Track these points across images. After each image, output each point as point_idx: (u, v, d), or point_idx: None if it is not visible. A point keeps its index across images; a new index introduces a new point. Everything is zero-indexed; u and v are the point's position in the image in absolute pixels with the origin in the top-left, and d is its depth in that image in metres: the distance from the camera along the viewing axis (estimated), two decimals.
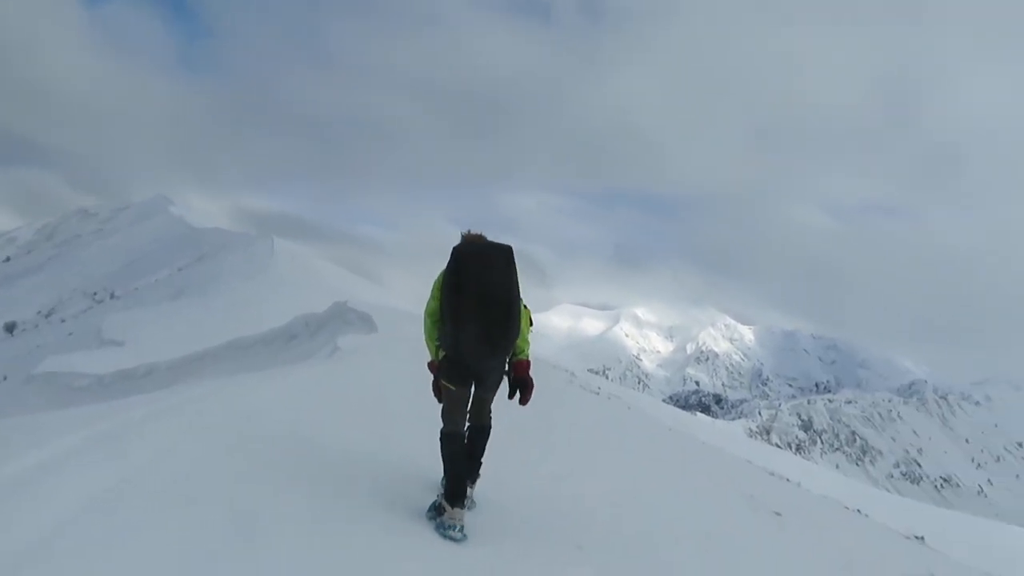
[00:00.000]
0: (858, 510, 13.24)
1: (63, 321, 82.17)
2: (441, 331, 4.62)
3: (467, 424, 4.85)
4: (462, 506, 4.42)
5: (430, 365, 4.78)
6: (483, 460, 5.02)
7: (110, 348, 46.47)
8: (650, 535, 5.82)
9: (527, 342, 4.95)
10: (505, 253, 4.58)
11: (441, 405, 4.74)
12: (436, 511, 4.54)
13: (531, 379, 4.82)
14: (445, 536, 4.31)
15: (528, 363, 4.89)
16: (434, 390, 4.78)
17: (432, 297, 4.71)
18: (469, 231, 4.84)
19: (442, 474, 4.70)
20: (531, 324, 16.37)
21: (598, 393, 17.63)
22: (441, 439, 4.65)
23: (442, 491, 4.58)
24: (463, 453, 4.64)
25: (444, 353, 4.60)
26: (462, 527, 4.36)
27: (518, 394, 4.84)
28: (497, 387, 4.86)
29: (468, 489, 4.77)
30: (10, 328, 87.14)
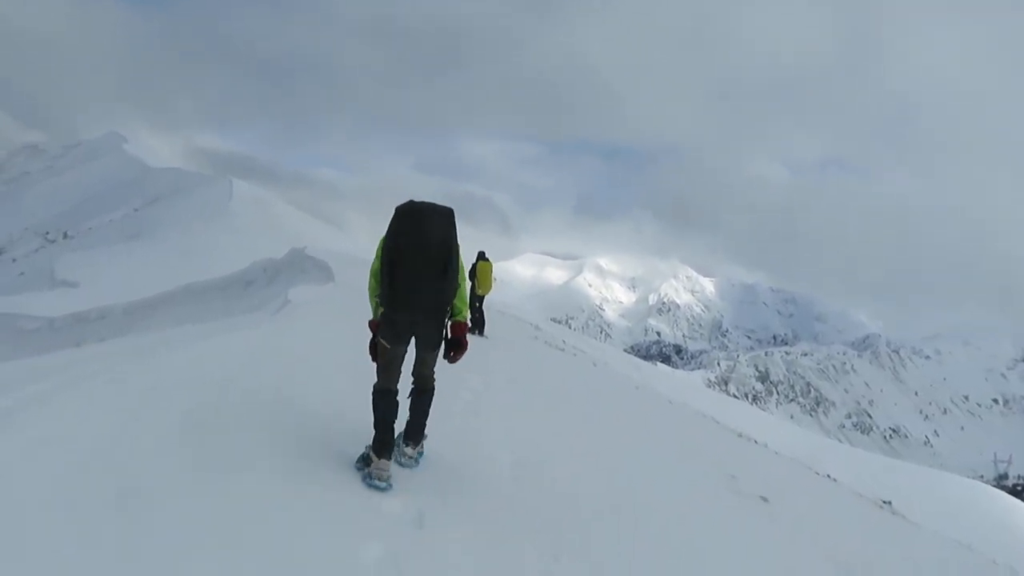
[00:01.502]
0: (828, 475, 13.23)
1: (14, 261, 79.84)
2: (383, 286, 4.69)
3: (411, 386, 5.02)
4: (388, 457, 4.61)
5: (370, 324, 4.84)
6: (428, 422, 5.10)
7: (63, 289, 45.33)
8: (615, 521, 5.34)
9: (464, 302, 4.94)
10: (444, 213, 4.69)
11: (376, 363, 4.80)
12: (364, 462, 4.71)
13: (466, 341, 4.92)
14: (370, 486, 4.49)
15: (465, 325, 4.97)
16: (370, 349, 4.83)
17: (376, 257, 4.78)
18: (411, 200, 4.89)
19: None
20: (494, 278, 15.95)
21: (563, 350, 17.57)
22: (373, 394, 4.75)
23: (370, 443, 4.72)
24: (393, 408, 4.73)
25: (382, 310, 4.69)
26: (388, 477, 4.55)
27: (452, 352, 4.92)
28: (436, 347, 4.88)
29: (412, 447, 5.01)
30: None
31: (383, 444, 4.62)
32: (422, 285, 4.56)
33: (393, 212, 4.69)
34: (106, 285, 41.94)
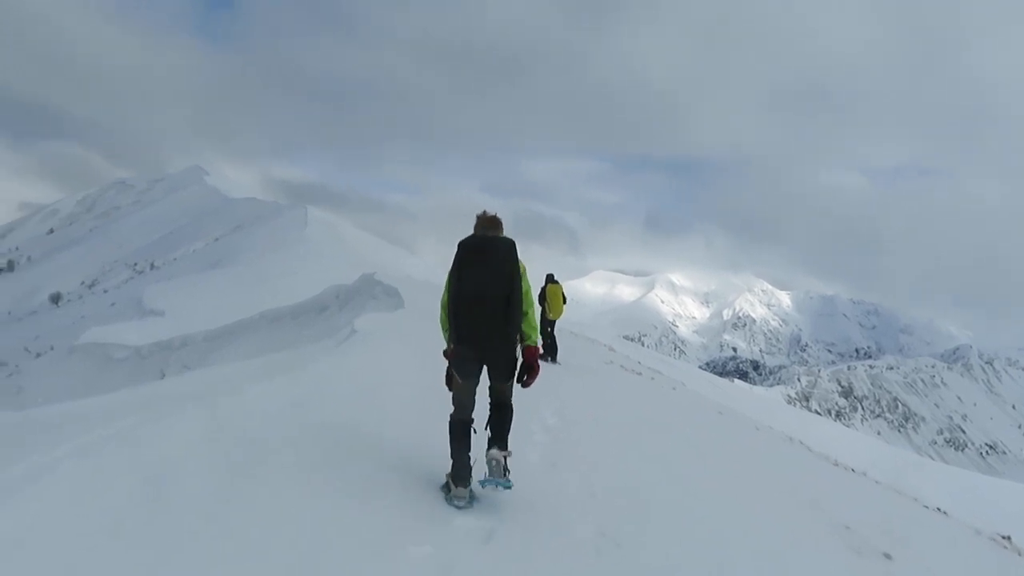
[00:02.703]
0: (938, 508, 12.09)
1: (105, 292, 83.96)
2: (451, 320, 4.81)
3: (489, 404, 5.02)
4: (466, 485, 4.78)
5: (445, 353, 4.91)
6: (509, 437, 5.02)
7: (150, 318, 47.32)
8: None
9: (534, 328, 4.97)
10: (505, 247, 4.80)
11: (452, 392, 4.92)
12: (446, 489, 4.91)
13: (537, 365, 4.95)
14: (452, 506, 4.76)
15: (536, 349, 4.99)
16: (447, 378, 4.92)
17: (444, 290, 4.89)
18: (484, 212, 5.03)
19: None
20: (564, 301, 15.50)
21: (640, 373, 17.07)
22: (449, 424, 4.88)
23: (449, 472, 4.89)
24: (467, 437, 4.85)
25: (453, 345, 4.81)
26: (467, 504, 4.75)
27: (524, 377, 4.95)
28: (508, 377, 4.89)
29: (498, 450, 4.91)
30: (55, 299, 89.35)
31: (459, 474, 4.79)
32: (487, 320, 4.67)
33: (457, 246, 4.82)
34: (190, 313, 43.55)
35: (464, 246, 4.81)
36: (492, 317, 4.67)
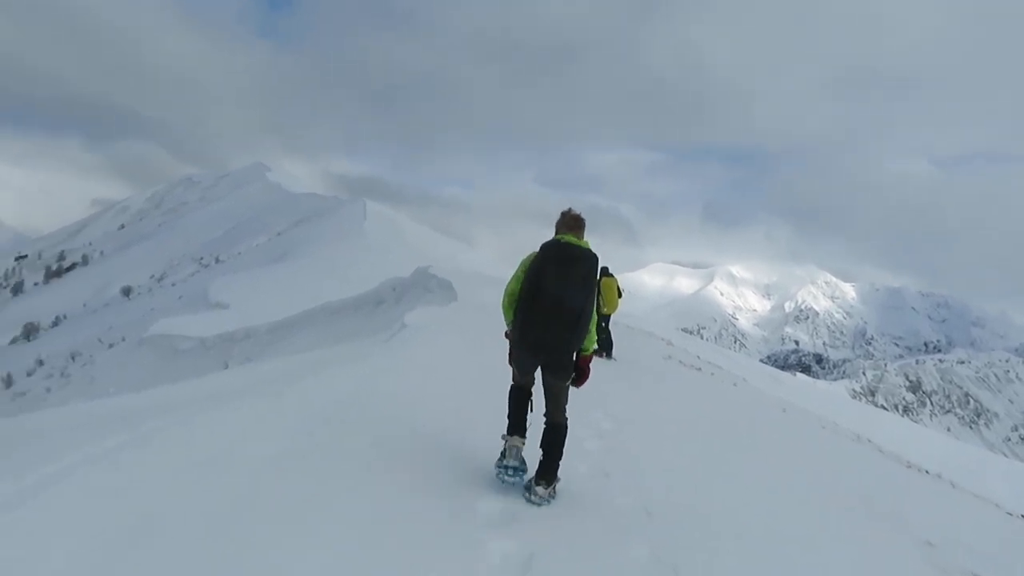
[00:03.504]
0: (1022, 515, 11.28)
1: (173, 285, 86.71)
2: (516, 317, 4.78)
3: (543, 422, 4.93)
4: (521, 435, 4.85)
5: (507, 334, 4.96)
6: (560, 463, 4.83)
7: (215, 311, 48.74)
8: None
9: (593, 341, 4.93)
10: (588, 261, 4.72)
11: (512, 367, 5.00)
12: (500, 457, 4.90)
13: (588, 370, 4.94)
14: (501, 480, 4.76)
15: (590, 357, 4.96)
16: (509, 356, 4.97)
17: (514, 278, 4.87)
18: (570, 210, 4.99)
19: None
20: (620, 295, 15.13)
21: (700, 369, 16.66)
22: (509, 391, 5.01)
23: (505, 431, 4.96)
24: (525, 400, 4.92)
25: (514, 337, 4.82)
26: (518, 453, 4.80)
27: (574, 377, 4.93)
28: (566, 376, 4.82)
29: (544, 488, 4.69)
30: (127, 292, 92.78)
31: (515, 425, 4.89)
32: (556, 330, 4.62)
33: (540, 248, 4.76)
34: (253, 305, 44.68)
35: (548, 252, 4.72)
36: (562, 329, 4.62)
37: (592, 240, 4.91)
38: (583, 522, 4.51)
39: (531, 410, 4.91)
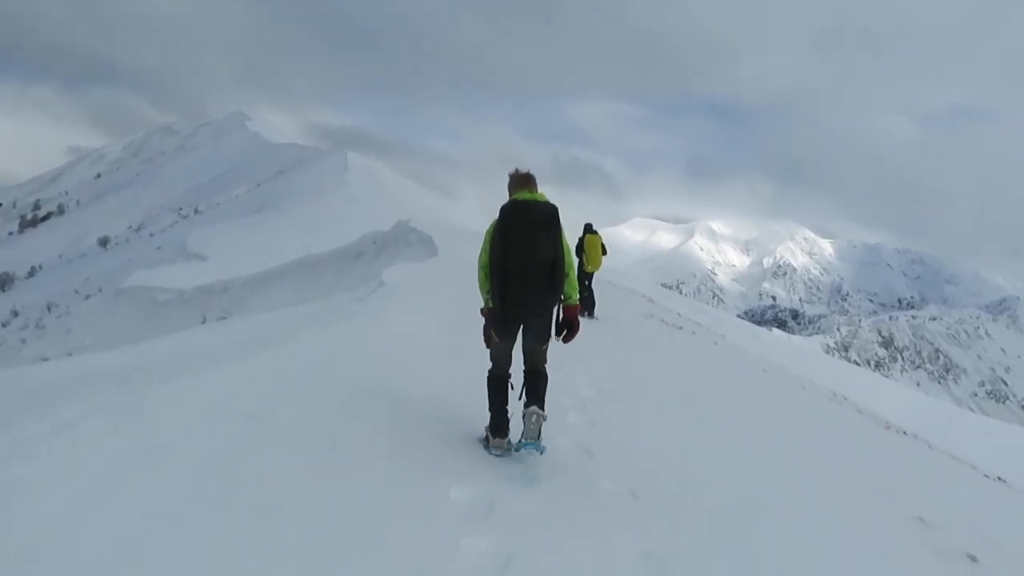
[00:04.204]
0: (998, 477, 11.47)
1: (151, 235, 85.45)
2: (491, 285, 4.79)
3: (524, 372, 4.99)
4: (504, 436, 4.89)
5: (482, 311, 4.95)
6: (545, 402, 4.95)
7: (194, 262, 48.24)
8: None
9: (575, 287, 4.96)
10: (548, 212, 4.75)
11: (489, 349, 5.00)
12: (485, 442, 5.00)
13: (578, 322, 4.97)
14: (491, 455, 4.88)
15: (576, 307, 5.01)
16: (484, 336, 4.98)
17: (483, 250, 4.87)
18: (516, 171, 5.02)
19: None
20: (605, 252, 15.06)
21: (681, 327, 16.74)
22: (487, 380, 4.98)
23: (487, 425, 4.98)
24: (505, 393, 4.93)
25: (492, 305, 4.80)
26: (507, 451, 4.87)
27: (564, 332, 4.97)
28: (545, 337, 4.89)
29: (536, 406, 4.82)
30: (104, 243, 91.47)
31: (498, 426, 4.89)
32: (529, 288, 4.66)
33: (499, 211, 4.77)
34: (232, 257, 44.27)
35: (507, 213, 4.73)
36: (536, 287, 4.66)
37: (575, 195, 4.86)
38: (566, 512, 4.19)
39: (512, 388, 4.93)
